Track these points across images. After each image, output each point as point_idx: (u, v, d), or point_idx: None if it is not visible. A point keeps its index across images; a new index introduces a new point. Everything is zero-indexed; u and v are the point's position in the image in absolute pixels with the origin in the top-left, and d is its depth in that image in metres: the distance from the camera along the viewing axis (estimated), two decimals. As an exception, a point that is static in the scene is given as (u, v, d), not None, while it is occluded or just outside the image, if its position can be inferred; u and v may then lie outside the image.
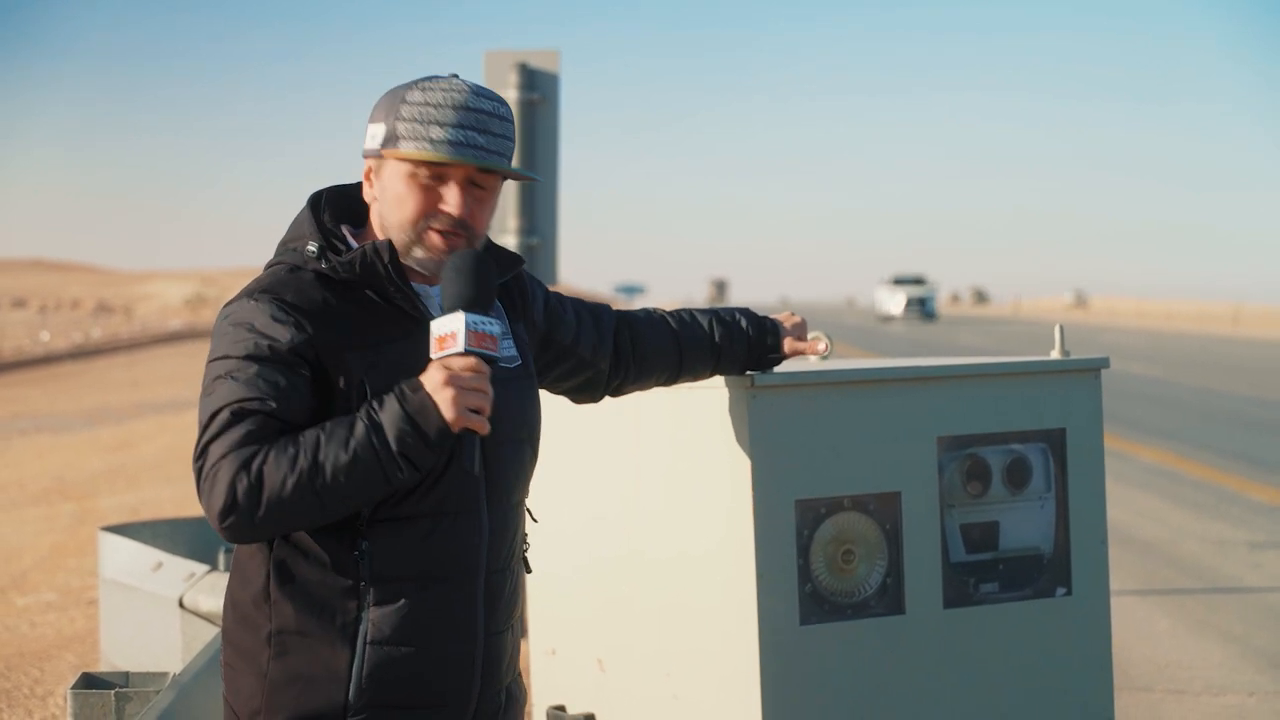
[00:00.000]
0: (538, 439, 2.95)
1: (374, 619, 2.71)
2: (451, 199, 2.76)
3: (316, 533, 2.71)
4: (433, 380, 2.59)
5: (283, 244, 2.84)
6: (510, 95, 8.13)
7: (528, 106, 8.17)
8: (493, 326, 2.63)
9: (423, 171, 2.76)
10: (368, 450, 2.58)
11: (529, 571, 3.02)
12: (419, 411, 2.58)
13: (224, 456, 2.60)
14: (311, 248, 2.78)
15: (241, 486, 2.58)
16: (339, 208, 2.88)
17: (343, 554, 2.71)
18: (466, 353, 2.59)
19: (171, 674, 3.89)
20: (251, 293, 2.75)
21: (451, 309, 2.63)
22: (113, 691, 3.70)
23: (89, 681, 3.77)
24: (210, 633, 5.35)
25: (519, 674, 3.00)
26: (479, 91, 2.78)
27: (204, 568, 5.70)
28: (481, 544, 2.78)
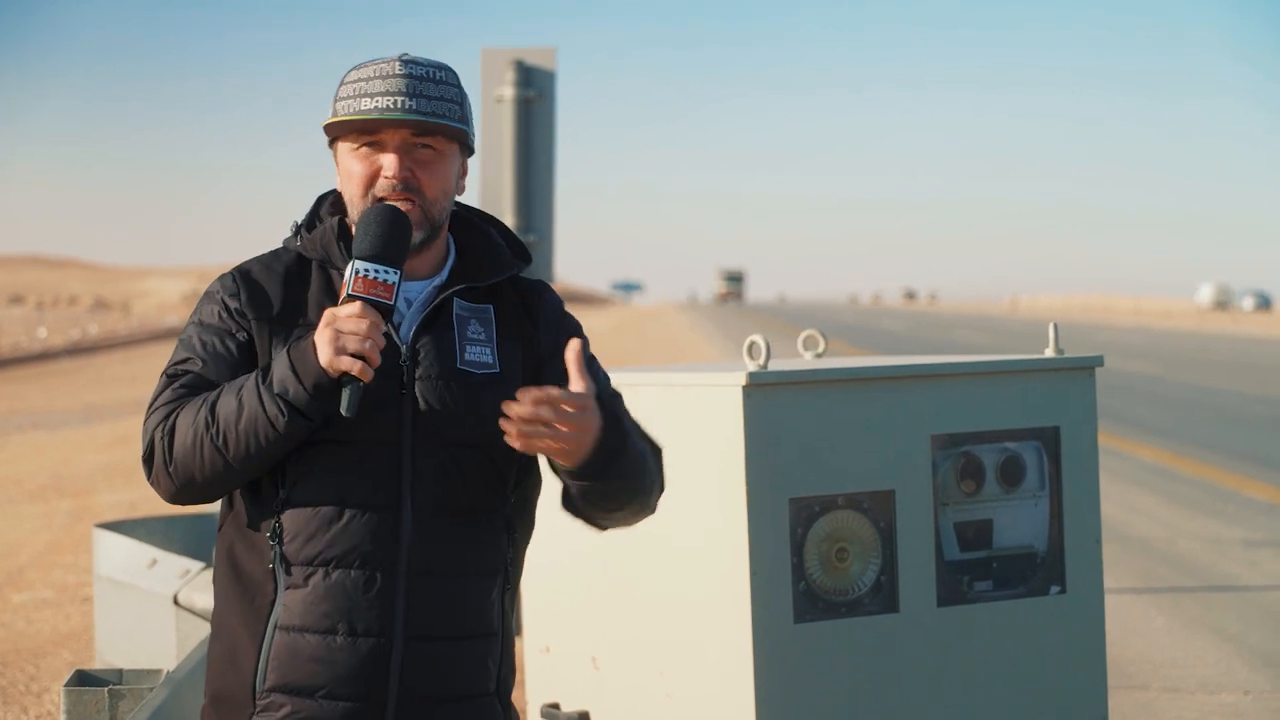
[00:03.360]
0: (498, 448, 2.76)
1: (286, 603, 2.72)
2: (388, 163, 2.77)
3: (247, 513, 2.76)
4: (318, 327, 2.64)
5: None
6: (507, 93, 8.13)
7: (524, 104, 8.17)
8: (385, 275, 2.64)
9: (361, 143, 2.79)
10: (253, 396, 2.63)
11: (508, 585, 2.84)
12: (300, 356, 2.62)
13: (154, 413, 2.72)
14: (292, 228, 2.86)
15: (158, 438, 2.69)
16: (342, 203, 2.90)
17: (263, 535, 2.74)
18: (350, 297, 2.62)
19: (165, 671, 3.89)
20: (231, 269, 2.85)
21: (354, 259, 2.67)
22: (106, 689, 3.69)
23: (82, 679, 3.76)
24: (204, 630, 5.34)
25: (495, 694, 2.85)
26: (414, 61, 2.80)
27: (199, 565, 5.70)
28: (398, 542, 2.73)
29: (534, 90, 8.23)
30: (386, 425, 2.72)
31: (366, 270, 2.64)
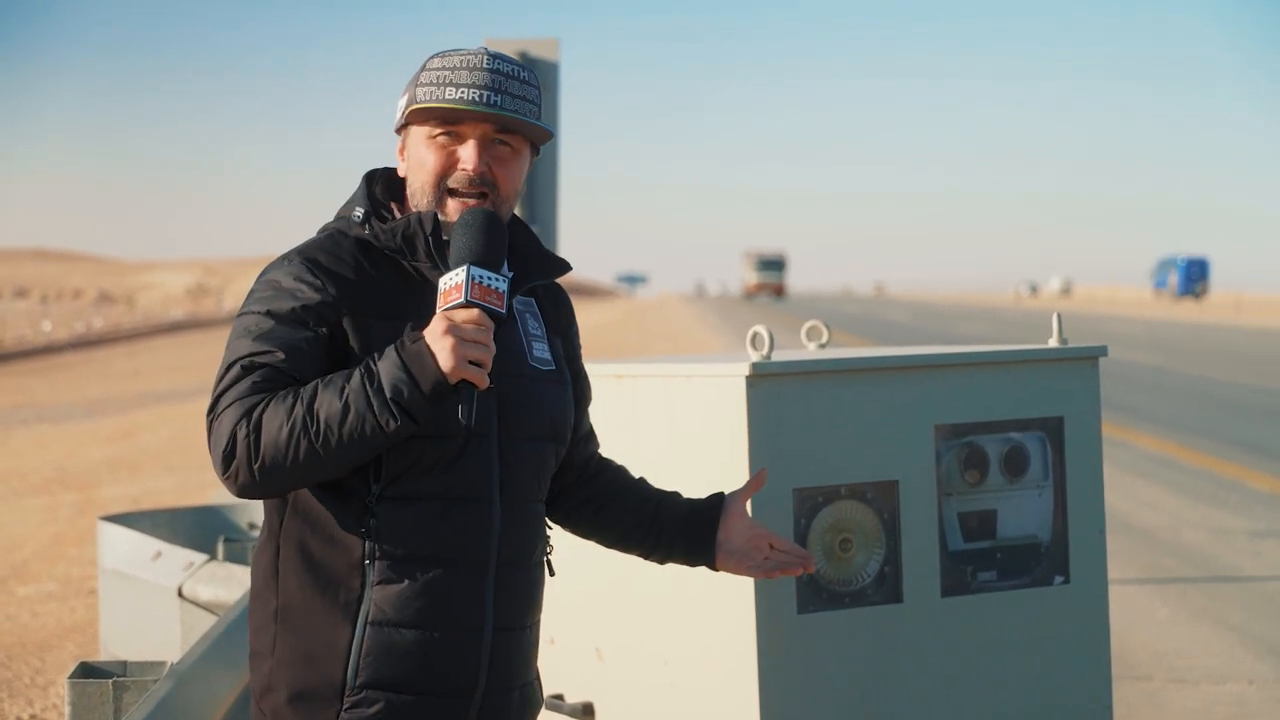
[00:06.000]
0: (563, 443, 2.93)
1: (376, 599, 2.70)
2: (467, 155, 2.77)
3: (326, 506, 2.72)
4: (433, 330, 2.59)
5: (337, 214, 2.88)
6: (509, 84, 8.15)
7: (527, 95, 8.18)
8: (499, 283, 2.63)
9: (440, 132, 2.78)
10: (360, 397, 2.58)
11: (551, 574, 2.97)
12: (415, 360, 2.57)
13: (229, 406, 2.63)
14: (358, 213, 2.81)
15: (241, 434, 2.61)
16: (393, 187, 2.90)
17: (350, 529, 2.71)
18: (468, 304, 2.59)
19: (169, 663, 3.89)
20: (289, 253, 2.79)
21: (458, 263, 2.64)
22: (110, 681, 3.69)
23: (87, 671, 3.76)
24: (209, 622, 5.35)
25: (537, 678, 2.96)
26: (500, 57, 2.81)
27: (203, 557, 5.70)
28: (491, 534, 2.76)
29: (537, 82, 8.22)
30: (480, 420, 2.72)
31: (482, 277, 2.61)
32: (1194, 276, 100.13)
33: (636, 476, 3.18)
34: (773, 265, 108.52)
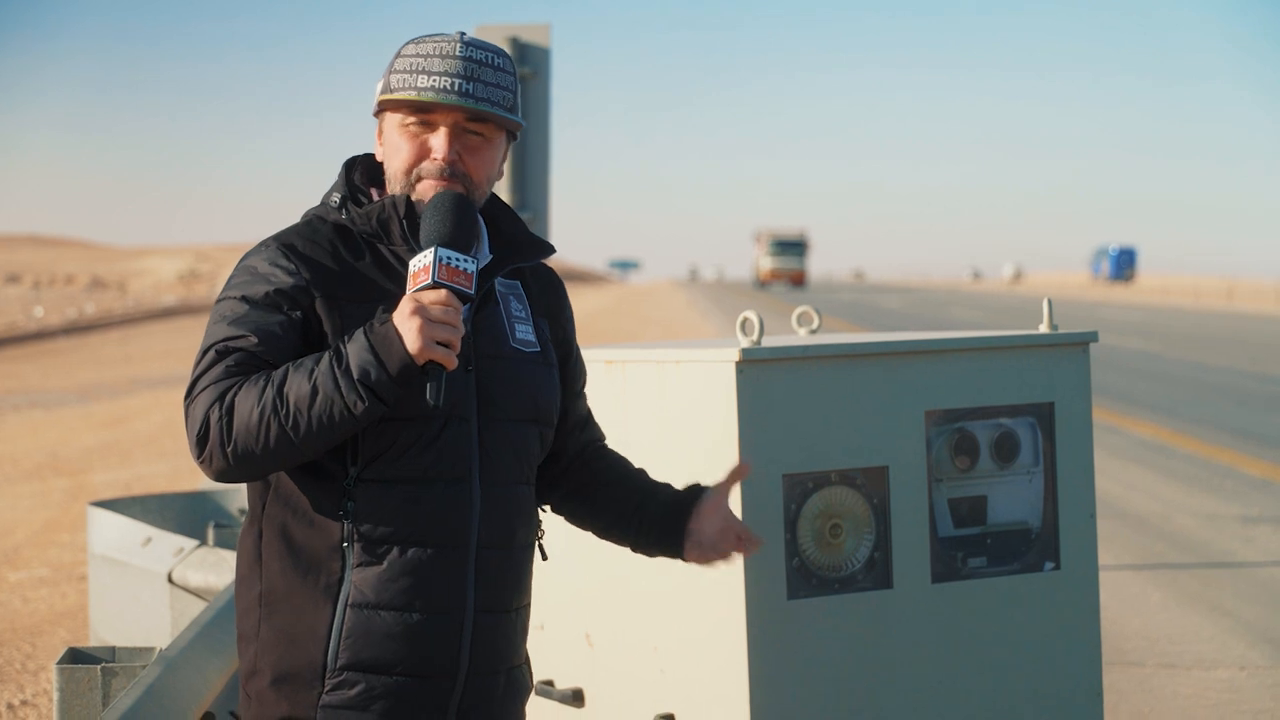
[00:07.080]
0: (548, 425, 2.93)
1: (356, 581, 2.71)
2: (437, 144, 2.78)
3: (305, 489, 2.73)
4: (400, 312, 2.60)
5: (321, 201, 2.89)
6: (501, 69, 8.14)
7: (519, 81, 8.18)
8: (467, 264, 2.64)
9: (412, 120, 2.79)
10: (329, 379, 2.59)
11: (544, 558, 2.99)
12: (382, 341, 2.58)
13: (204, 391, 2.65)
14: (335, 198, 2.83)
15: (214, 417, 2.62)
16: (373, 173, 2.91)
17: (329, 512, 2.72)
18: (436, 285, 2.60)
19: (158, 649, 3.88)
20: (266, 240, 2.80)
21: (427, 245, 2.65)
22: (99, 666, 3.68)
23: (75, 656, 3.75)
24: (199, 608, 5.34)
25: (526, 662, 2.96)
26: (473, 43, 2.81)
27: (193, 543, 5.69)
28: (471, 516, 2.76)
29: (529, 67, 8.21)
30: (458, 402, 2.74)
31: (450, 259, 2.62)
32: (1124, 264, 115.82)
33: (636, 467, 3.15)
34: (791, 249, 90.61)
